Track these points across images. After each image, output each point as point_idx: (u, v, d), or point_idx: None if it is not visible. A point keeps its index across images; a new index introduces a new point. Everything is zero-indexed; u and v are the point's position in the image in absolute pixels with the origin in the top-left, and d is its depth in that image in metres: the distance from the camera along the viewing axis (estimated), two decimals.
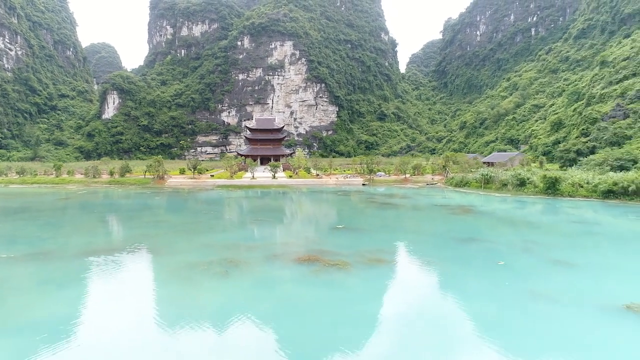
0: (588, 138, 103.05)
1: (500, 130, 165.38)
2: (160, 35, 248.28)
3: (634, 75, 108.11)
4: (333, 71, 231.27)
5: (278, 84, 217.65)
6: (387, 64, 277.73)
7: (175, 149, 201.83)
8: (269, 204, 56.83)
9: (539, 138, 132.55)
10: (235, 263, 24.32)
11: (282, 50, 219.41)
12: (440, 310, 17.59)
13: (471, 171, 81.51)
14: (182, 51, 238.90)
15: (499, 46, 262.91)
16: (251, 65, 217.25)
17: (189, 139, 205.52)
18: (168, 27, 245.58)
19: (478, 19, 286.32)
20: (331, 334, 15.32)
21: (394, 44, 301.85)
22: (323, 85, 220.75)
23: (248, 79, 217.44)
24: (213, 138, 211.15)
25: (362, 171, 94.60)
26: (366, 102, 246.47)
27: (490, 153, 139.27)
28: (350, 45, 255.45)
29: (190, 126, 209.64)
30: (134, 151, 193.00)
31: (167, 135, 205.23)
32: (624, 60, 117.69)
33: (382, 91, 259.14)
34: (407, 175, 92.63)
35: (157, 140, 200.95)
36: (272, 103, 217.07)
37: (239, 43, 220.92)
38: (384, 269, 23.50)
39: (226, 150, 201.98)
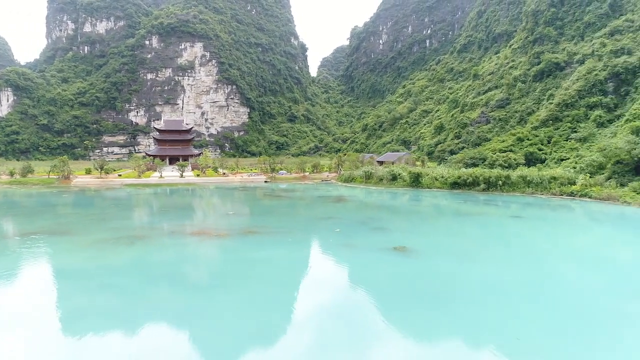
0: (459, 140, 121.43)
1: (395, 132, 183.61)
2: (61, 30, 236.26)
3: (496, 87, 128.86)
4: (244, 73, 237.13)
5: (188, 84, 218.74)
6: (297, 67, 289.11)
7: (79, 149, 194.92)
8: (175, 199, 63.32)
9: (425, 140, 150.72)
10: (139, 237, 31.77)
11: (192, 51, 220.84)
12: (283, 255, 26.89)
13: (359, 169, 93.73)
14: (85, 48, 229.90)
15: (399, 55, 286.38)
16: (160, 65, 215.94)
17: (94, 139, 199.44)
18: (69, 22, 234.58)
19: (380, 28, 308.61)
20: (207, 271, 23.86)
21: (304, 48, 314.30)
22: (234, 86, 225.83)
23: (157, 78, 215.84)
24: (120, 138, 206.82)
25: (266, 170, 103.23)
26: (277, 104, 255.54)
27: (386, 153, 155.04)
28: (261, 49, 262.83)
29: (95, 126, 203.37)
30: (33, 151, 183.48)
31: (69, 135, 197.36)
32: (490, 74, 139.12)
33: (293, 94, 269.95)
34: (307, 173, 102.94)
35: (59, 140, 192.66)
36: (183, 104, 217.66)
37: (147, 42, 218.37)
38: (254, 236, 32.39)
39: (135, 150, 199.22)
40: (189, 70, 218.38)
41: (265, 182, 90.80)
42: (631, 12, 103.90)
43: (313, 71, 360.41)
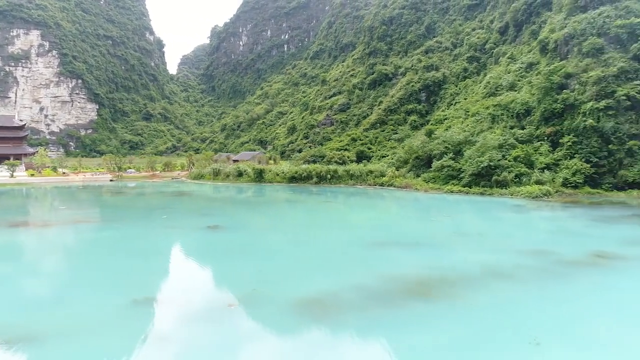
0: (307, 140, 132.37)
1: (253, 132, 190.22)
2: None
3: (339, 93, 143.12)
4: (92, 67, 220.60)
5: (23, 76, 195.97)
6: (153, 64, 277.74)
7: None
8: (1, 200, 59.73)
9: (280, 140, 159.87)
10: None
11: (27, 39, 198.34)
12: (108, 236, 30.14)
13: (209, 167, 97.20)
14: None
15: (259, 57, 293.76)
16: None
17: None
18: None
19: (240, 30, 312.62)
20: (25, 252, 26.16)
21: (160, 44, 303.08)
22: (80, 81, 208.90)
23: None
24: None
25: (112, 169, 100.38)
26: (131, 101, 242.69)
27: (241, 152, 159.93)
28: (111, 42, 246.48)
29: None
30: None
31: None
32: (335, 80, 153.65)
33: (148, 91, 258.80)
34: (158, 172, 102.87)
35: None
36: (16, 97, 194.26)
37: None
38: (82, 225, 34.73)
39: None
40: (24, 61, 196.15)
41: (111, 180, 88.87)
42: (440, 35, 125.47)
43: (172, 68, 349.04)
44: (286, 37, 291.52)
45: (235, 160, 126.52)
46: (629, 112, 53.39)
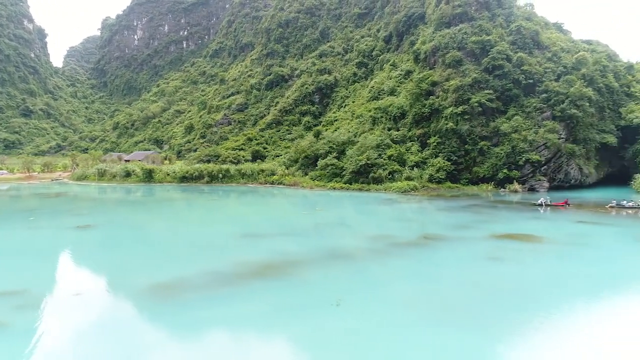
0: (204, 139, 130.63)
1: (148, 131, 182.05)
2: None
3: (237, 92, 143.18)
4: None
5: None
6: (33, 55, 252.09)
7: None
8: None
9: (177, 139, 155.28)
10: None
11: None
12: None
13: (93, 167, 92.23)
14: None
15: (156, 53, 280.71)
16: None
17: None
18: None
19: (135, 23, 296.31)
20: None
21: (42, 34, 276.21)
22: None
23: None
24: None
25: None
26: (6, 95, 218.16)
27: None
28: None
29: None
30: None
31: None
32: (234, 80, 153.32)
33: (28, 85, 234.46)
34: (36, 173, 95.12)
35: None
36: None
37: None
38: None
39: None
40: None
41: None
42: (333, 40, 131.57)
43: (58, 61, 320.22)
44: (185, 33, 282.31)
45: (127, 160, 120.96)
46: (481, 117, 61.79)
